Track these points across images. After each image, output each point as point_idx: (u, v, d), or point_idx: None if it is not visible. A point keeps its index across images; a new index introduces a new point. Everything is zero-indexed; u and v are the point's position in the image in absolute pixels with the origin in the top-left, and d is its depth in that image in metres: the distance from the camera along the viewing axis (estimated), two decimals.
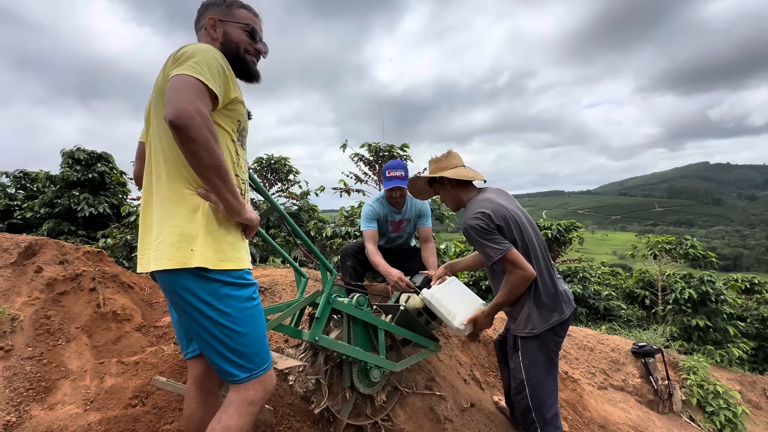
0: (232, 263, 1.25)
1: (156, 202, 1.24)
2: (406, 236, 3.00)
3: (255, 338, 1.29)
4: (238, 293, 1.25)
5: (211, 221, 1.22)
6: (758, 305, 7.99)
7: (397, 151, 5.06)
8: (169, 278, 1.20)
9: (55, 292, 2.49)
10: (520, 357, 2.00)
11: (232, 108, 1.27)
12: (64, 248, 2.84)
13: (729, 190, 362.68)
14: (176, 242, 1.18)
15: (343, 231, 4.32)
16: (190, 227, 1.19)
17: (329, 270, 2.02)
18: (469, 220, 1.90)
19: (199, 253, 1.18)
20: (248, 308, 1.27)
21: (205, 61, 1.15)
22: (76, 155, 8.68)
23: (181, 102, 1.05)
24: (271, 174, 6.03)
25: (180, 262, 1.17)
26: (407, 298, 2.42)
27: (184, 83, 1.09)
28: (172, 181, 1.22)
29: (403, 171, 2.69)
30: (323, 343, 1.92)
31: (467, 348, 3.22)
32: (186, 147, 1.07)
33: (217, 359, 1.25)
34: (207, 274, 1.19)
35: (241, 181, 1.34)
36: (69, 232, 8.31)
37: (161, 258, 1.18)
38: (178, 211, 1.20)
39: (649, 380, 4.01)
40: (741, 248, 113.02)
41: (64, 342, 2.28)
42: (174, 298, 1.23)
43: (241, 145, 1.35)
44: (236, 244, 1.28)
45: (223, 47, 1.34)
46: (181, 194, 1.21)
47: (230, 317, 1.23)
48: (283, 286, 3.03)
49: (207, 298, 1.20)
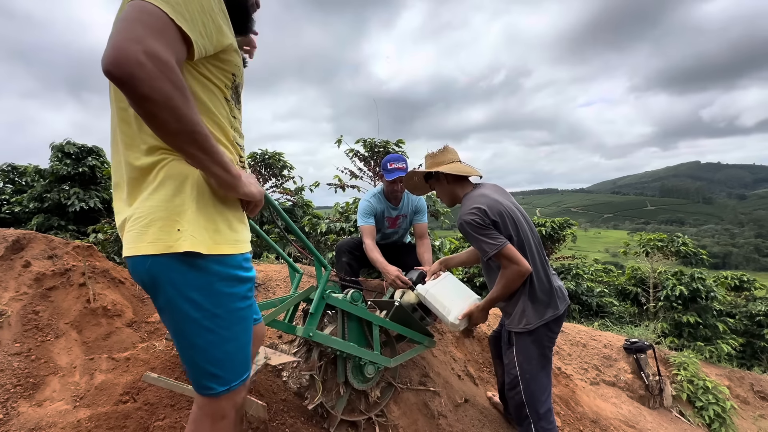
0: (230, 247, 1.00)
1: (127, 170, 0.97)
2: (402, 232, 2.99)
3: (242, 344, 1.08)
4: (234, 290, 1.02)
5: (204, 193, 0.96)
6: (747, 302, 8.12)
7: (392, 147, 5.04)
8: (147, 266, 0.93)
9: (44, 287, 2.45)
10: (514, 352, 2.01)
11: (225, 58, 0.97)
12: (53, 243, 2.79)
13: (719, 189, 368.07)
14: (158, 219, 0.92)
15: (337, 227, 4.30)
16: (176, 200, 0.92)
17: (324, 265, 2.00)
18: (464, 215, 1.90)
19: (189, 234, 0.92)
20: (242, 309, 1.05)
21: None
22: (66, 149, 8.54)
23: (120, 40, 0.71)
24: (266, 169, 5.97)
25: (164, 246, 0.91)
26: (402, 294, 2.41)
27: (136, 12, 0.75)
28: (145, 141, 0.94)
29: (404, 163, 2.69)
30: (317, 339, 1.91)
31: (461, 344, 3.22)
32: (139, 108, 0.75)
33: (194, 371, 1.05)
34: (198, 262, 0.94)
35: (241, 149, 1.11)
36: (59, 227, 8.19)
37: (140, 240, 0.92)
38: (159, 179, 0.93)
39: (641, 376, 4.06)
40: (730, 246, 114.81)
41: (53, 338, 2.24)
42: (152, 292, 0.98)
43: (237, 104, 1.08)
44: (234, 223, 1.03)
45: None
46: (159, 158, 0.94)
47: (219, 320, 1.00)
48: (277, 281, 3.01)
49: (194, 296, 0.96)
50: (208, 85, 0.97)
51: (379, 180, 5.17)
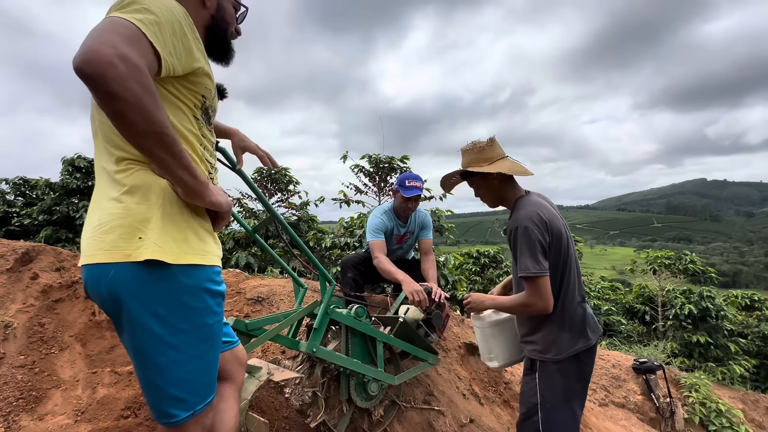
0: (198, 257, 0.95)
1: (101, 178, 0.96)
2: (407, 248, 2.99)
3: (208, 364, 1.00)
4: (202, 304, 0.96)
5: (171, 202, 0.93)
6: (759, 322, 7.94)
7: (397, 163, 5.09)
8: (109, 277, 0.86)
9: (51, 299, 2.47)
10: (536, 379, 1.79)
11: (195, 80, 0.99)
12: (61, 255, 2.82)
13: (726, 206, 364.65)
14: (119, 226, 0.87)
15: (342, 242, 4.31)
16: (140, 207, 0.89)
17: (328, 280, 2.00)
18: (524, 220, 1.69)
19: (152, 242, 0.87)
20: (210, 325, 0.98)
21: (159, 11, 0.85)
22: (76, 163, 8.72)
23: (94, 43, 0.74)
24: (272, 184, 6.06)
25: (122, 254, 0.86)
26: (406, 310, 2.40)
27: (111, 24, 0.79)
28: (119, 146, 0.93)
29: (421, 183, 2.73)
30: (321, 355, 1.90)
31: (466, 362, 3.18)
32: (107, 107, 0.76)
33: (154, 396, 0.95)
34: (163, 273, 0.89)
35: (211, 166, 1.10)
36: (66, 239, 8.29)
37: (96, 247, 0.88)
38: (125, 186, 0.90)
39: (651, 397, 3.96)
40: (740, 265, 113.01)
41: (57, 350, 2.24)
42: (111, 307, 0.90)
43: (207, 124, 1.07)
44: (203, 234, 0.99)
45: (213, 20, 1.08)
46: (128, 166, 0.92)
47: (185, 336, 0.93)
48: (281, 296, 3.01)
49: (158, 309, 0.89)
50: (175, 102, 0.97)
51: (384, 196, 5.20)
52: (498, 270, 8.46)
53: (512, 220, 1.75)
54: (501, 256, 8.66)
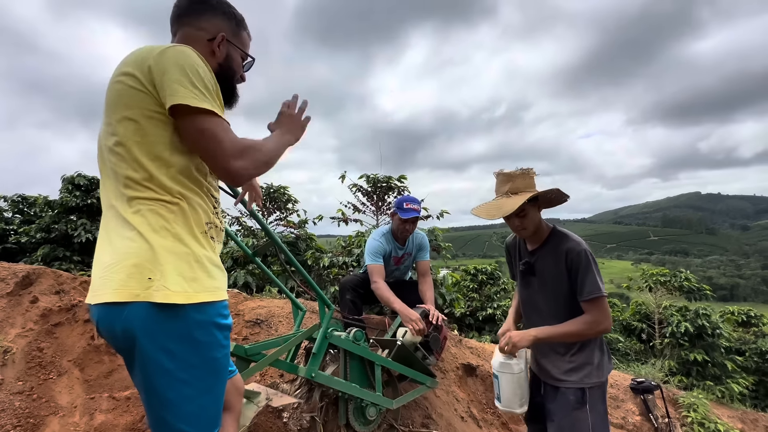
0: (209, 294, 0.98)
1: (110, 215, 1.00)
2: (404, 269, 3.03)
3: (215, 397, 1.02)
4: (212, 339, 0.98)
5: (181, 240, 0.96)
6: (756, 338, 7.95)
7: (394, 182, 5.17)
8: (123, 315, 0.90)
9: (50, 323, 2.47)
10: (587, 412, 1.67)
11: None
12: (61, 278, 2.84)
13: (721, 219, 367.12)
14: (130, 266, 0.91)
15: (340, 261, 4.34)
16: (151, 247, 0.93)
17: (327, 305, 2.04)
18: (584, 244, 1.70)
19: (162, 285, 0.91)
20: (218, 359, 1.01)
21: (200, 77, 0.97)
22: (76, 181, 8.74)
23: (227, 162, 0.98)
24: (270, 203, 6.10)
25: (129, 294, 0.89)
26: (404, 333, 2.42)
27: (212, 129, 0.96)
28: (129, 186, 0.97)
29: (419, 205, 2.79)
30: (320, 380, 1.91)
31: (464, 384, 3.18)
32: None
33: (161, 431, 0.97)
34: (176, 311, 0.92)
35: (215, 200, 1.13)
36: (64, 257, 8.24)
37: (105, 286, 0.91)
38: (137, 226, 0.94)
39: (649, 418, 3.94)
40: (737, 278, 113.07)
41: (55, 376, 2.24)
42: (123, 345, 0.93)
43: None
44: (213, 270, 1.02)
45: (220, 69, 1.15)
46: (139, 207, 0.96)
47: (195, 370, 0.96)
48: (279, 318, 3.02)
49: (170, 346, 0.92)
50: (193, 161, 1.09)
51: (381, 214, 5.26)
52: (495, 287, 8.47)
53: (572, 243, 1.71)
54: (498, 272, 8.68)
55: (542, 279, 1.79)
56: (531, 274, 1.83)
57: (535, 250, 1.81)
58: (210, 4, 1.15)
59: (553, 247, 1.75)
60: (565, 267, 1.70)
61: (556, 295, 1.76)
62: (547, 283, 1.77)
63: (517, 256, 1.94)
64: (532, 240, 1.83)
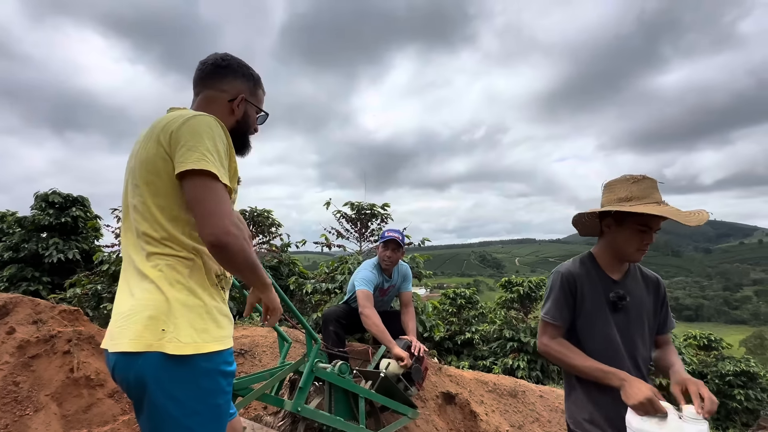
0: (217, 344, 1.04)
1: (130, 268, 1.08)
2: (388, 300, 3.13)
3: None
4: (217, 386, 1.04)
5: (194, 294, 1.04)
6: (716, 361, 8.36)
7: (377, 210, 5.32)
8: (138, 364, 0.96)
9: (27, 355, 2.42)
10: None
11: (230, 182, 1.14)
12: (39, 306, 2.78)
13: (686, 242, 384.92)
14: (147, 318, 0.98)
15: (323, 287, 4.40)
16: (166, 300, 1.00)
17: (314, 339, 2.11)
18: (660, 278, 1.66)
19: (174, 336, 0.97)
20: (221, 405, 1.06)
21: (214, 144, 1.04)
22: (50, 198, 8.41)
23: (216, 222, 0.98)
24: (253, 226, 6.09)
25: (144, 344, 0.96)
26: (387, 364, 2.50)
27: (209, 192, 1.01)
28: (150, 243, 1.05)
29: (401, 236, 2.92)
30: (305, 414, 1.97)
31: (444, 412, 3.26)
32: (225, 264, 1.05)
33: None
34: (185, 359, 0.98)
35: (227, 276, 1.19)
36: (32, 278, 7.83)
37: (122, 335, 0.98)
38: (155, 279, 1.02)
39: None
40: (701, 299, 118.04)
41: (31, 412, 2.19)
42: (135, 391, 0.99)
43: None
44: (221, 320, 1.09)
45: (238, 125, 1.25)
46: (158, 262, 1.04)
47: (199, 417, 1.01)
48: (263, 347, 3.05)
49: (177, 393, 0.98)
50: None
51: (365, 241, 5.36)
52: (474, 311, 8.62)
53: (652, 272, 1.65)
54: (476, 297, 8.85)
55: (637, 312, 1.55)
56: (623, 307, 1.53)
57: (623, 279, 1.57)
58: (232, 68, 1.25)
59: (637, 275, 1.60)
60: (657, 298, 1.60)
61: (650, 330, 1.57)
62: (642, 316, 1.56)
63: (592, 289, 1.56)
64: (620, 268, 1.59)
